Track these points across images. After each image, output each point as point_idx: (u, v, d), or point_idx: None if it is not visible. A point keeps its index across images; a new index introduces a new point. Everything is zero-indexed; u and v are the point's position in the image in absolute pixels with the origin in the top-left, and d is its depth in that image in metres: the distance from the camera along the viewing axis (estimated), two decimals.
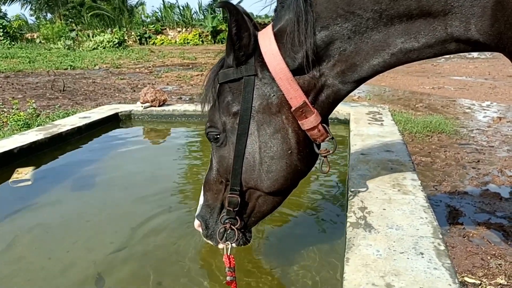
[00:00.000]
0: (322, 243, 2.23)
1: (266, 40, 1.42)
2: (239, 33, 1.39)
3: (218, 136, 1.58)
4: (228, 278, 1.59)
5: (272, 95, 1.45)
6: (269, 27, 1.46)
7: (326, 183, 3.04)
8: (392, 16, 1.27)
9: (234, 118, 1.52)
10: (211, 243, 1.76)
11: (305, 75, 1.43)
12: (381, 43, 1.32)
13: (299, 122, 1.46)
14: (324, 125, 1.49)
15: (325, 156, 1.58)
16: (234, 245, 1.67)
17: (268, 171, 1.51)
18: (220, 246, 1.69)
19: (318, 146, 1.57)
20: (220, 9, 32.17)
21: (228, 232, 1.65)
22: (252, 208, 1.64)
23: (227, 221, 1.63)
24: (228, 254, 1.63)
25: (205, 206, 1.73)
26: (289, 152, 1.49)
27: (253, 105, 1.47)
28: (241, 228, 1.66)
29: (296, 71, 1.42)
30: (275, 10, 1.48)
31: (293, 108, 1.43)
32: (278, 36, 1.42)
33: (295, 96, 1.41)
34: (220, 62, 1.57)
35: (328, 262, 2.05)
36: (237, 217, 1.61)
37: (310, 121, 1.44)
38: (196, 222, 1.78)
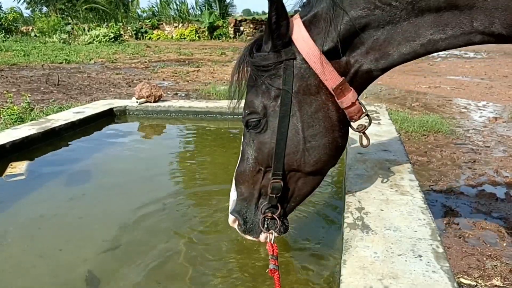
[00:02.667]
0: (319, 244, 2.21)
1: (296, 28, 1.48)
2: (278, 21, 1.44)
3: (259, 121, 1.58)
4: (271, 266, 1.58)
5: (310, 77, 1.51)
6: (297, 16, 1.53)
7: (322, 183, 3.02)
8: (423, 8, 1.35)
9: (275, 101, 1.54)
10: (250, 238, 1.74)
11: (339, 60, 1.51)
12: (412, 33, 1.41)
13: (338, 101, 1.52)
14: (360, 101, 1.55)
15: (363, 132, 1.68)
16: (275, 234, 1.66)
17: (311, 148, 1.56)
18: (262, 237, 1.69)
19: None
20: (217, 5, 32.12)
21: (268, 222, 1.66)
22: (292, 192, 1.66)
23: (267, 210, 1.64)
24: (272, 242, 1.63)
25: (240, 200, 1.71)
26: (331, 129, 1.56)
27: (293, 87, 1.51)
28: (280, 216, 1.67)
29: (331, 56, 1.48)
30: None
31: (333, 87, 1.49)
32: (311, 23, 1.48)
33: (331, 77, 1.48)
34: (249, 48, 1.59)
35: (325, 263, 2.02)
36: (278, 204, 1.63)
37: (349, 99, 1.51)
38: (231, 218, 1.74)
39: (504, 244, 2.89)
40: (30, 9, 44.00)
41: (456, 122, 6.34)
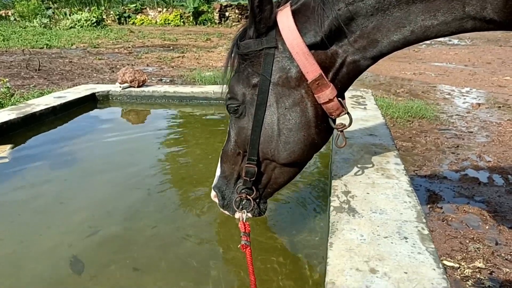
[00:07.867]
0: (305, 227, 2.20)
1: (284, 17, 1.45)
2: (261, 5, 1.42)
3: (238, 107, 1.60)
4: (242, 242, 1.61)
5: (291, 69, 1.49)
6: (287, 6, 1.49)
7: (309, 167, 3.01)
8: None
9: (254, 89, 1.55)
10: (227, 213, 1.80)
11: (325, 51, 1.46)
12: (402, 20, 1.36)
13: (316, 96, 1.49)
14: (340, 99, 1.51)
15: (341, 131, 1.63)
16: (249, 214, 1.71)
17: (285, 142, 1.55)
18: (237, 215, 1.74)
19: (334, 122, 1.60)
20: None
21: (243, 202, 1.70)
22: (268, 179, 1.69)
23: (243, 191, 1.68)
24: (244, 221, 1.67)
25: (222, 177, 1.77)
26: (307, 125, 1.53)
27: (272, 77, 1.50)
28: (256, 199, 1.71)
29: (316, 46, 1.44)
30: None
31: (309, 81, 1.46)
32: (299, 13, 1.45)
33: (311, 70, 1.45)
34: (239, 34, 1.59)
35: (311, 246, 2.02)
36: (253, 187, 1.66)
37: (326, 95, 1.47)
38: (213, 193, 1.82)
39: (487, 227, 2.94)
40: None
41: (440, 108, 6.40)
